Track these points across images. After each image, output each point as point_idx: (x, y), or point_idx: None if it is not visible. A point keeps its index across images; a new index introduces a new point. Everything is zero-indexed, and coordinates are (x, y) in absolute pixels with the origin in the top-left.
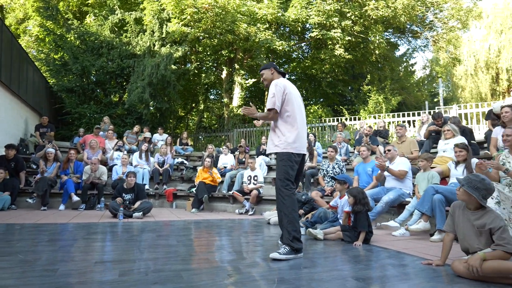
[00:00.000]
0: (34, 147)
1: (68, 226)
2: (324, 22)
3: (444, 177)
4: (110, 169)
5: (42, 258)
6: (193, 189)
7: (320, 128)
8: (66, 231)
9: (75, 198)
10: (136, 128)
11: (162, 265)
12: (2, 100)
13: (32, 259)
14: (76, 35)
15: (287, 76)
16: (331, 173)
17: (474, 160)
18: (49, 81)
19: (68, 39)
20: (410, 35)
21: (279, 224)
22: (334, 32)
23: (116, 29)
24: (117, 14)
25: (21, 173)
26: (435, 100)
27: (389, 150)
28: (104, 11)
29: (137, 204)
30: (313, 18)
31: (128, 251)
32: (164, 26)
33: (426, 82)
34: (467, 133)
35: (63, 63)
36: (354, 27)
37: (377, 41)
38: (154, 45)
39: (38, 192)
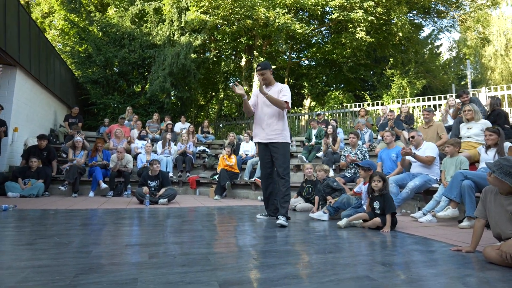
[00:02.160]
0: (63, 137)
1: (98, 211)
2: (345, 4)
3: (473, 162)
4: (135, 158)
5: (76, 241)
6: (216, 177)
7: (341, 114)
8: (96, 216)
9: (103, 185)
10: (155, 116)
11: (189, 248)
12: (34, 92)
13: (67, 241)
14: (98, 27)
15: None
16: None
17: (507, 144)
18: (74, 73)
19: (91, 31)
20: (435, 15)
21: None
22: (355, 13)
23: (136, 20)
24: (137, 5)
25: (53, 162)
26: (463, 83)
27: (413, 137)
28: (124, 2)
29: (162, 191)
30: (333, 0)
31: (155, 235)
32: (183, 15)
33: (452, 64)
34: (501, 116)
35: (87, 55)
36: (377, 9)
37: (401, 23)
38: (173, 34)
39: (69, 180)
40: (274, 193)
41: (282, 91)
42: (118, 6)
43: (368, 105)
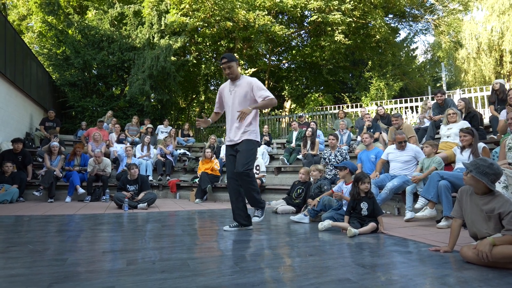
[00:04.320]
0: (39, 141)
1: (75, 217)
2: (323, 6)
3: (449, 163)
4: (114, 161)
5: (51, 248)
6: (196, 180)
7: (321, 116)
8: (73, 222)
9: (81, 190)
10: (135, 119)
11: (168, 254)
12: (8, 95)
13: (41, 249)
14: (77, 30)
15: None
16: (334, 161)
17: (481, 145)
18: (52, 75)
19: (69, 34)
20: (410, 19)
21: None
22: (333, 15)
23: (116, 22)
24: (116, 8)
25: (28, 166)
26: (438, 85)
27: (405, 142)
28: (104, 5)
29: (141, 195)
30: (312, 3)
31: (134, 241)
32: (163, 18)
33: (428, 66)
34: (477, 118)
35: (65, 58)
36: (354, 12)
37: (378, 25)
38: (153, 37)
39: (45, 185)
40: (243, 199)
41: (257, 88)
42: (98, 8)
43: (348, 107)
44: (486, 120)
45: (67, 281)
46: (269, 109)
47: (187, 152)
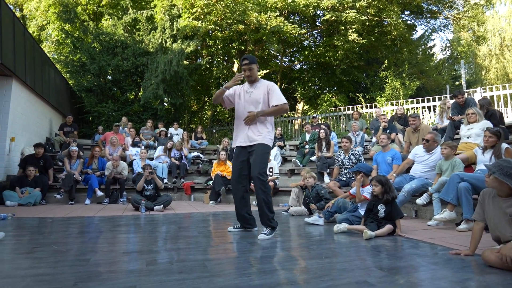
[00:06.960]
0: (59, 145)
1: (94, 219)
2: (337, 5)
3: (470, 164)
4: (130, 164)
5: (74, 248)
6: (210, 182)
7: (334, 117)
8: (93, 224)
9: (99, 193)
10: (149, 123)
11: (185, 255)
12: (30, 102)
13: (65, 249)
14: (92, 36)
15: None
16: (348, 165)
17: (504, 146)
18: (69, 82)
19: (85, 40)
20: (428, 15)
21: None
22: (347, 13)
23: (129, 28)
24: (129, 14)
25: (49, 170)
26: (457, 83)
27: (428, 141)
28: (118, 12)
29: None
30: (325, 1)
31: (152, 242)
32: (175, 23)
33: (446, 64)
34: (495, 117)
35: (81, 64)
36: (368, 9)
37: (394, 22)
38: (165, 41)
39: (65, 188)
40: (247, 203)
41: (272, 92)
42: (112, 15)
43: (362, 107)
44: (509, 119)
45: (90, 280)
46: None
47: (201, 155)
